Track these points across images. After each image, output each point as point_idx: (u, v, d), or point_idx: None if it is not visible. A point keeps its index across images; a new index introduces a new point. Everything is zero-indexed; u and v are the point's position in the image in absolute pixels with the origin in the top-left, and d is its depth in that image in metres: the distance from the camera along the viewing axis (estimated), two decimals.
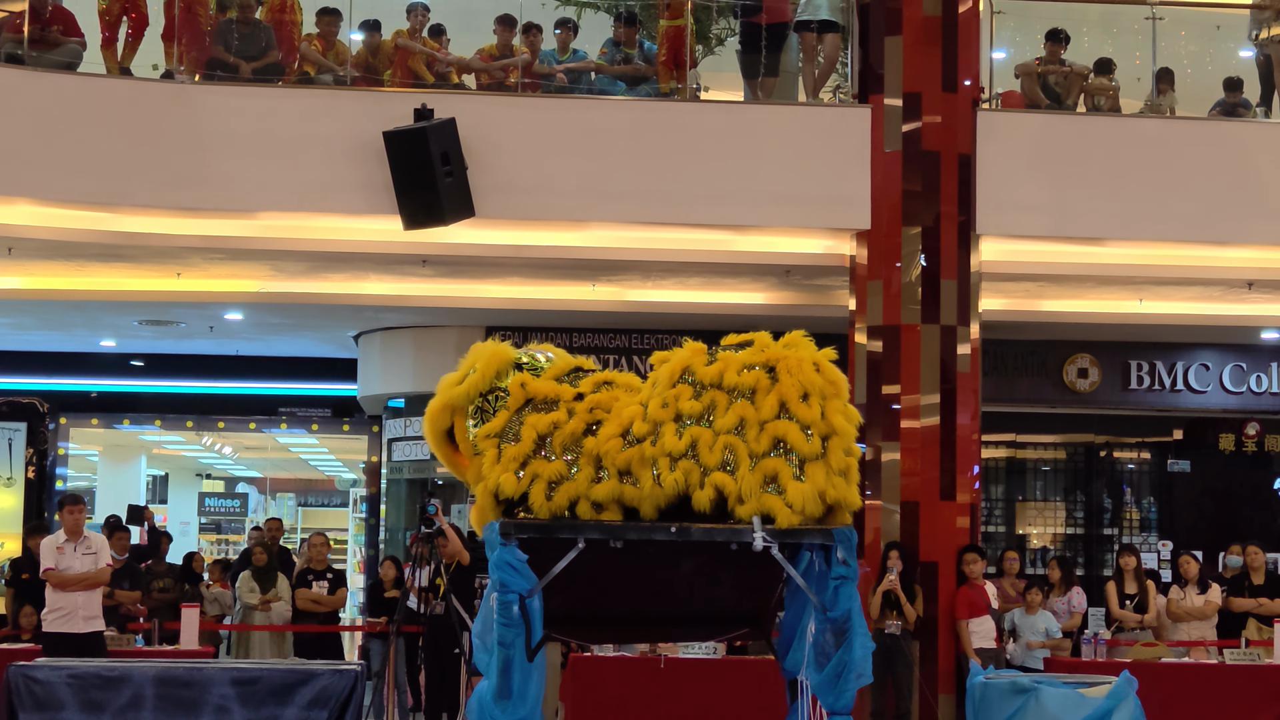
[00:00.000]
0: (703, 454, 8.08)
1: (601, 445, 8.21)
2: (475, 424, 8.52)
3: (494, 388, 8.55)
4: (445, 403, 8.63)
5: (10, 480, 21.82)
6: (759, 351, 8.31)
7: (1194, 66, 17.85)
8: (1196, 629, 16.21)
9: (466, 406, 8.58)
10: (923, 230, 15.52)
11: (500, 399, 8.51)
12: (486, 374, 8.54)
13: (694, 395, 8.18)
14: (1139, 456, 21.10)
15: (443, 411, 8.66)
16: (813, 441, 8.08)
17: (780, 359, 8.23)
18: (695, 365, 8.28)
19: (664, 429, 8.14)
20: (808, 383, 8.16)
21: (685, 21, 16.25)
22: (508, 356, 8.64)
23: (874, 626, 14.48)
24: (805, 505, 8.01)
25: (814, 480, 8.06)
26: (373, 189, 14.94)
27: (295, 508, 37.35)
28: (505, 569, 7.92)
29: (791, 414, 8.10)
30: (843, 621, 8.04)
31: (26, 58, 15.04)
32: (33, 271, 17.43)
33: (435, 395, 8.70)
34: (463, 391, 8.57)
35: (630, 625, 9.53)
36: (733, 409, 8.11)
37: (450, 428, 8.70)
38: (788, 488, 8.02)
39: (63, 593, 13.67)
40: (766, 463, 8.05)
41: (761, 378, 8.17)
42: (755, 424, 8.08)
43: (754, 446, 8.07)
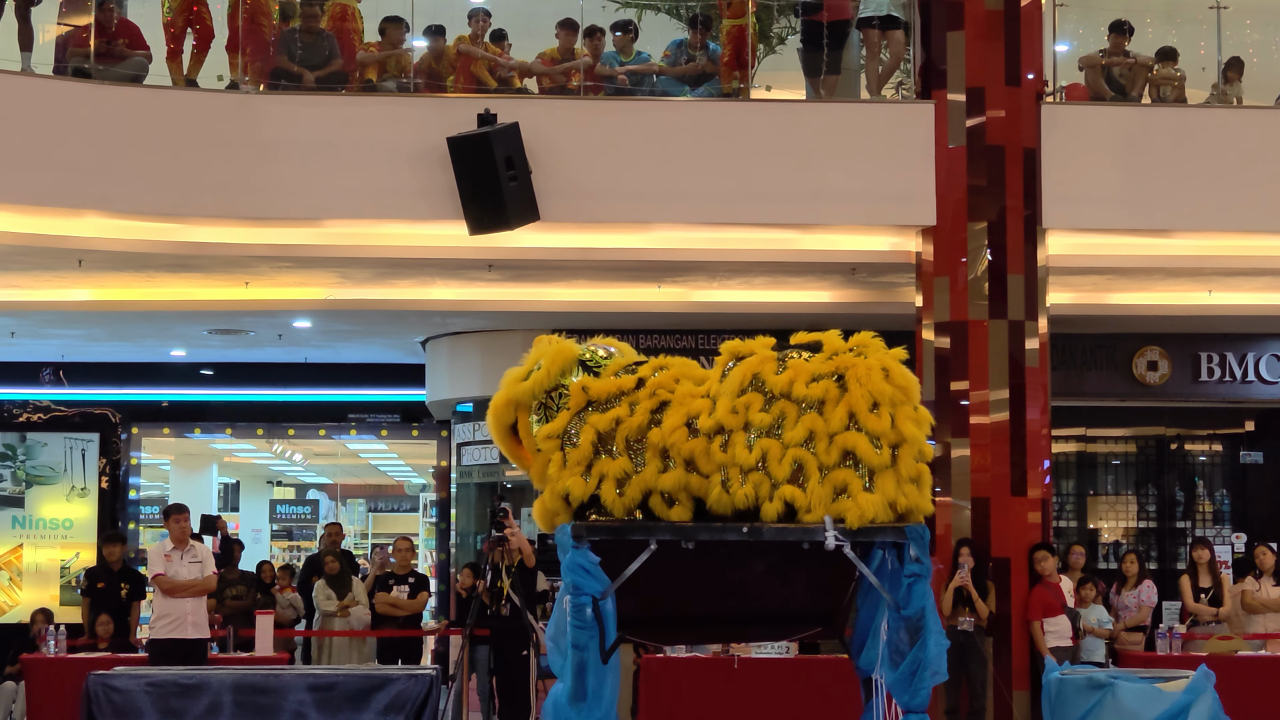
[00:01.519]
0: (772, 466, 8.08)
1: (667, 437, 8.23)
2: (539, 420, 8.56)
3: (558, 385, 8.58)
4: (510, 398, 8.66)
5: (84, 490, 21.97)
6: (828, 360, 8.28)
7: (1260, 55, 17.72)
8: (1273, 621, 16.08)
9: (530, 403, 8.61)
10: (988, 225, 15.46)
11: (564, 396, 8.54)
12: (551, 371, 8.58)
13: (764, 406, 8.16)
14: (1210, 449, 20.95)
15: (507, 407, 8.69)
16: (882, 453, 8.08)
17: (849, 367, 8.20)
18: (765, 373, 8.25)
19: (735, 438, 8.13)
20: (877, 392, 8.13)
21: (747, 21, 16.24)
22: (572, 353, 8.66)
23: (947, 623, 14.44)
24: (876, 516, 8.01)
25: (883, 490, 8.06)
26: (438, 195, 15.00)
27: (366, 513, 37.50)
28: (578, 572, 7.95)
29: (860, 425, 8.07)
30: (916, 619, 8.03)
31: (93, 71, 15.17)
32: (103, 283, 17.57)
33: (500, 390, 8.73)
34: (527, 388, 8.60)
35: (703, 626, 9.54)
36: (802, 422, 8.09)
37: (514, 423, 8.73)
38: (857, 498, 8.01)
39: (171, 599, 13.98)
40: (836, 475, 8.04)
41: (830, 388, 8.14)
42: (824, 436, 8.07)
43: (824, 459, 8.05)
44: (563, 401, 8.53)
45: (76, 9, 15.58)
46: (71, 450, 22.13)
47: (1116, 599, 16.18)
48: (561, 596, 8.11)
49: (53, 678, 14.56)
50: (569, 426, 8.40)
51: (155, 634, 14.14)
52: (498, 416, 8.73)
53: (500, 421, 8.74)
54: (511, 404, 8.67)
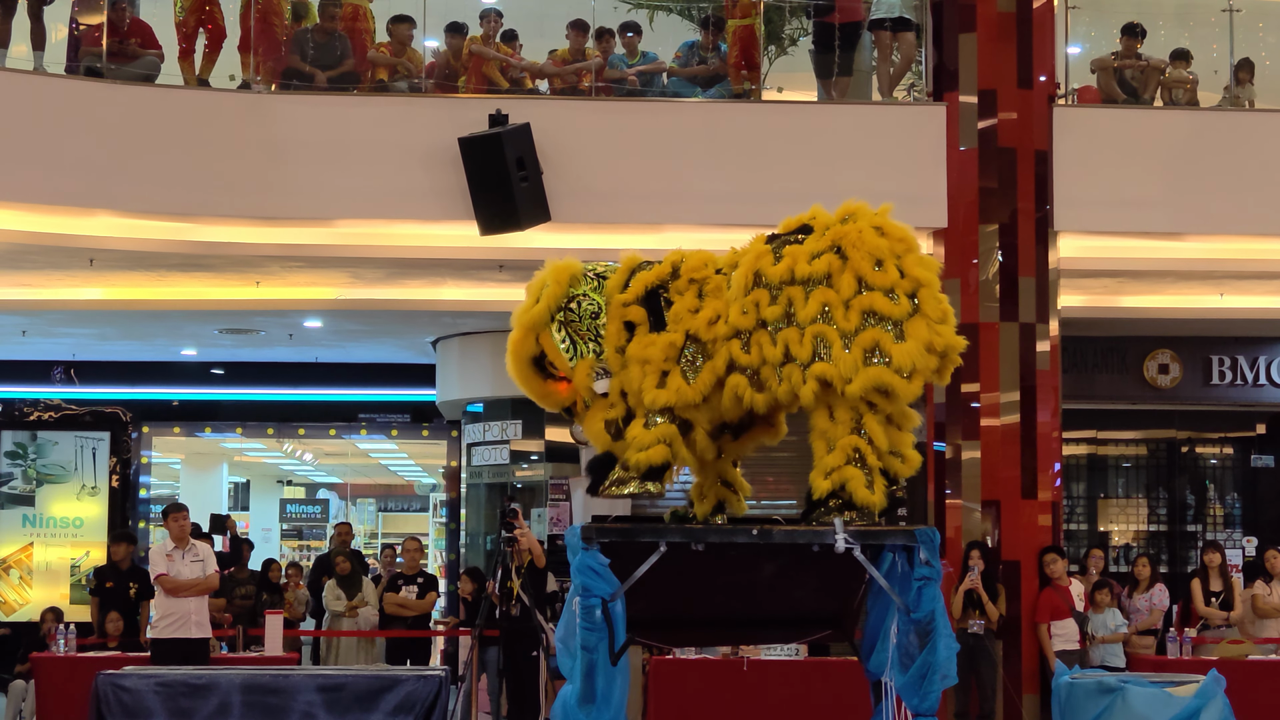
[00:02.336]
0: (795, 351, 8.11)
1: (706, 332, 8.29)
2: (564, 337, 8.50)
3: (571, 295, 8.54)
4: (528, 325, 8.57)
5: (95, 489, 21.97)
6: (821, 236, 8.33)
7: (1273, 58, 17.69)
8: None
9: (550, 324, 8.54)
10: (1000, 228, 15.47)
11: (582, 305, 8.48)
12: (561, 282, 8.55)
13: (771, 300, 8.20)
14: (1222, 452, 20.90)
15: (527, 336, 8.60)
16: (901, 302, 8.14)
17: (843, 236, 8.28)
18: (764, 268, 8.29)
19: (756, 337, 8.17)
20: (875, 249, 8.22)
21: (754, 20, 16.21)
22: (575, 265, 8.66)
23: (956, 626, 14.41)
24: (915, 362, 8.07)
25: (916, 336, 8.12)
26: (449, 195, 15.00)
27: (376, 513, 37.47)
28: (587, 573, 7.95)
29: (870, 284, 8.14)
30: (926, 622, 8.03)
31: (105, 70, 15.19)
32: (114, 282, 17.58)
33: (513, 326, 8.64)
34: (543, 308, 8.54)
35: (712, 628, 9.54)
36: (812, 298, 8.16)
37: (538, 355, 8.63)
38: (892, 353, 8.05)
39: (174, 599, 14.02)
40: (862, 337, 8.07)
41: (832, 260, 8.22)
42: (839, 305, 8.12)
43: (844, 326, 8.10)
44: (583, 309, 8.48)
45: (89, 8, 15.60)
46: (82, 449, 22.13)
47: (1128, 602, 16.15)
48: (571, 598, 8.12)
49: (62, 676, 14.58)
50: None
51: (158, 633, 14.16)
52: (518, 351, 8.62)
53: (522, 355, 8.63)
54: (531, 330, 8.58)
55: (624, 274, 8.56)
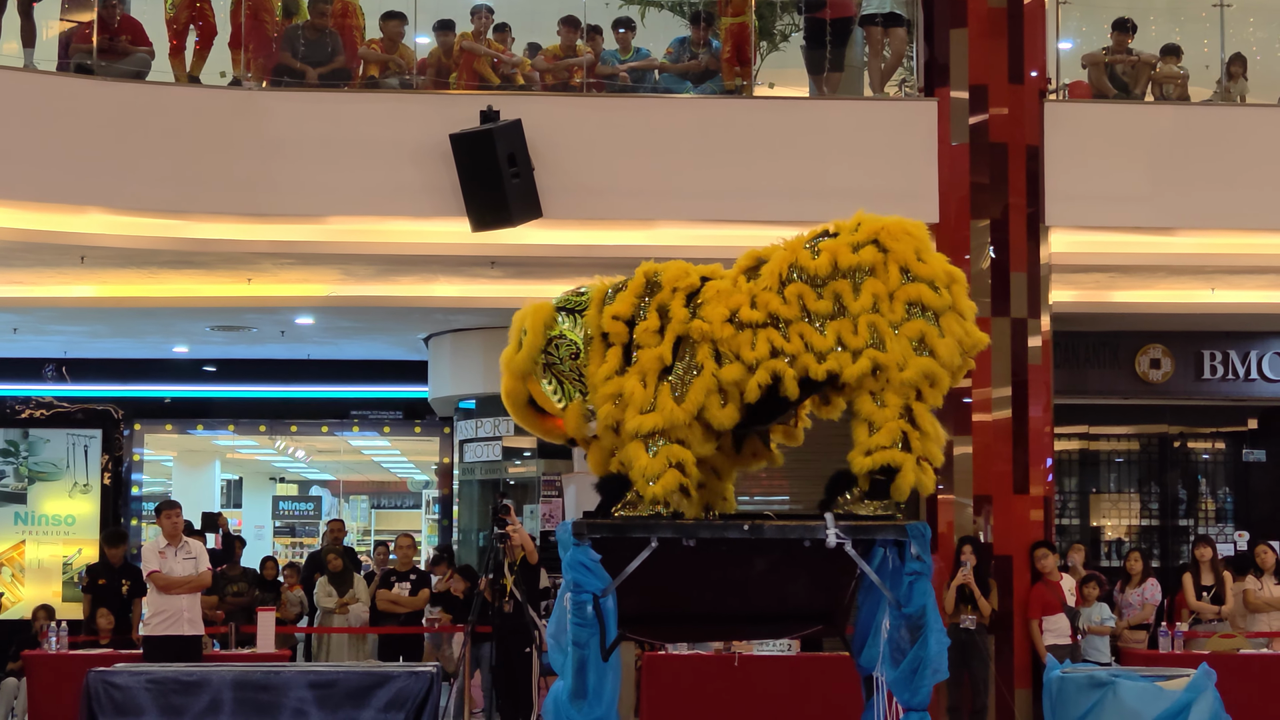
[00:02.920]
0: (848, 340, 8.17)
1: (717, 330, 8.25)
2: (549, 381, 8.58)
3: (550, 339, 8.59)
4: (515, 374, 8.65)
5: (87, 487, 22.01)
6: (854, 230, 8.41)
7: (1264, 53, 17.70)
8: (1276, 619, 16.08)
9: (534, 369, 8.62)
10: (991, 223, 15.47)
11: (560, 348, 8.54)
12: (537, 330, 8.59)
13: (817, 296, 8.25)
14: (1214, 447, 20.93)
15: (516, 385, 8.68)
16: (943, 294, 8.30)
17: (881, 228, 8.38)
18: (802, 261, 8.33)
19: (797, 329, 8.20)
20: (914, 241, 8.37)
21: (748, 18, 16.22)
22: (548, 308, 8.70)
23: (948, 621, 14.43)
24: (955, 357, 8.28)
25: (952, 331, 8.29)
26: (440, 192, 15.00)
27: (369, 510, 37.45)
28: (579, 569, 7.95)
29: (915, 275, 8.26)
30: (917, 617, 8.04)
31: (96, 67, 15.16)
32: (105, 279, 17.56)
33: (503, 376, 8.73)
34: (525, 356, 8.60)
35: (704, 624, 9.53)
36: (863, 289, 8.24)
37: (529, 398, 8.73)
38: (936, 346, 8.21)
39: (167, 596, 14.03)
40: (908, 327, 8.21)
41: (875, 252, 8.29)
42: (885, 297, 8.22)
43: (891, 317, 8.20)
44: (561, 352, 8.55)
45: (79, 5, 15.58)
46: (74, 446, 22.18)
47: (1120, 597, 16.18)
48: (562, 594, 8.11)
49: (54, 674, 14.56)
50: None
51: (151, 630, 14.16)
52: (513, 399, 8.74)
53: (517, 401, 8.74)
54: (519, 379, 8.67)
55: (598, 303, 8.55)
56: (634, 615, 8.42)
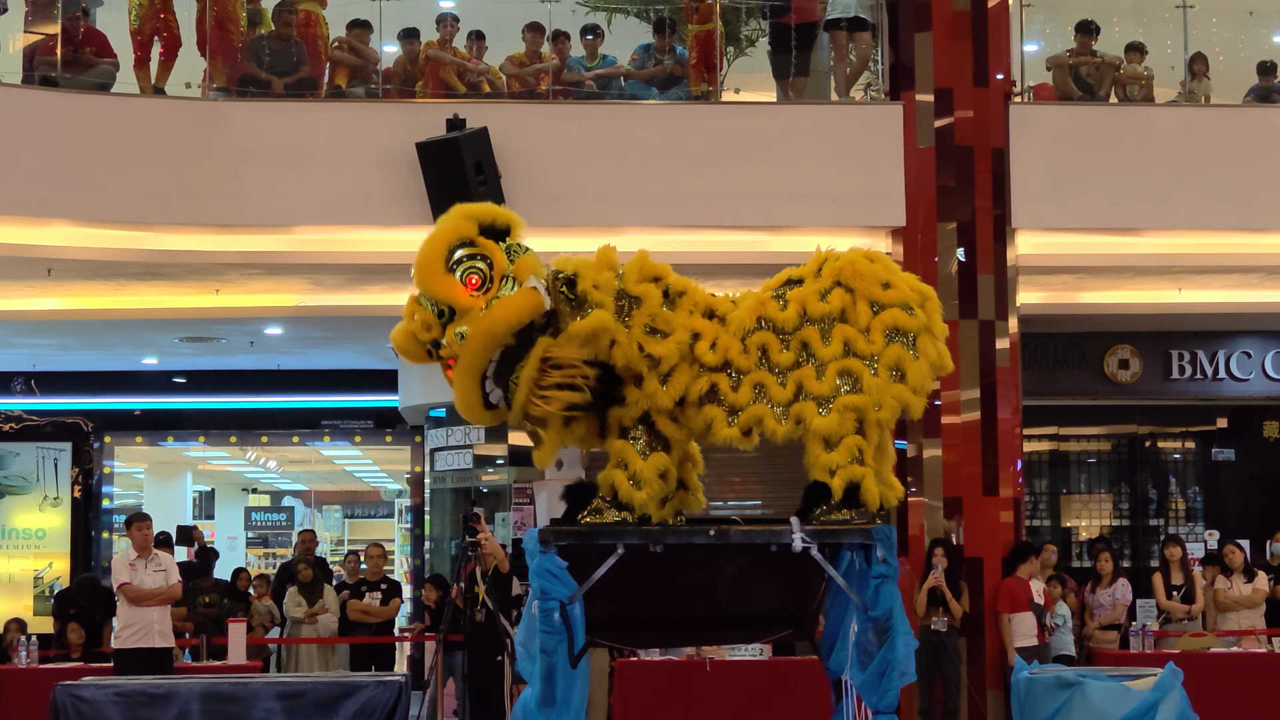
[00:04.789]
0: (810, 388, 8.09)
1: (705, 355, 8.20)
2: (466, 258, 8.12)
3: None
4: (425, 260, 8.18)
5: (57, 500, 21.95)
6: (816, 277, 8.32)
7: (1227, 54, 17.77)
8: (1245, 618, 16.15)
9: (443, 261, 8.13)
10: (958, 226, 15.51)
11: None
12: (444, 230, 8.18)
13: (782, 346, 8.18)
14: (1183, 446, 20.99)
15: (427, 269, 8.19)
16: (917, 314, 8.24)
17: (840, 269, 8.28)
18: (770, 313, 8.27)
19: (754, 378, 8.15)
20: (875, 272, 8.28)
21: (714, 25, 16.25)
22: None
23: (920, 624, 14.48)
24: (925, 381, 8.21)
25: (926, 353, 8.23)
26: (408, 200, 14.98)
27: (342, 519, 37.45)
28: (546, 576, 7.94)
29: (885, 303, 8.21)
30: (884, 620, 8.04)
31: (60, 80, 15.13)
32: (73, 292, 17.51)
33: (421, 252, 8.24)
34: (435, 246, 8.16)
35: (674, 629, 9.54)
36: (834, 336, 8.18)
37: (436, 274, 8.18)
38: (908, 370, 8.15)
39: (137, 608, 14.02)
40: (887, 355, 8.16)
41: (842, 295, 8.23)
42: (858, 336, 8.16)
43: (869, 350, 8.15)
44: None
45: (43, 17, 15.54)
46: (44, 460, 22.11)
47: (1091, 597, 16.22)
48: (530, 601, 8.11)
49: (24, 688, 14.51)
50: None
51: (121, 643, 14.14)
52: (427, 267, 8.14)
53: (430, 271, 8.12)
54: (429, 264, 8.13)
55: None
56: (604, 621, 8.42)
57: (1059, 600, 15.56)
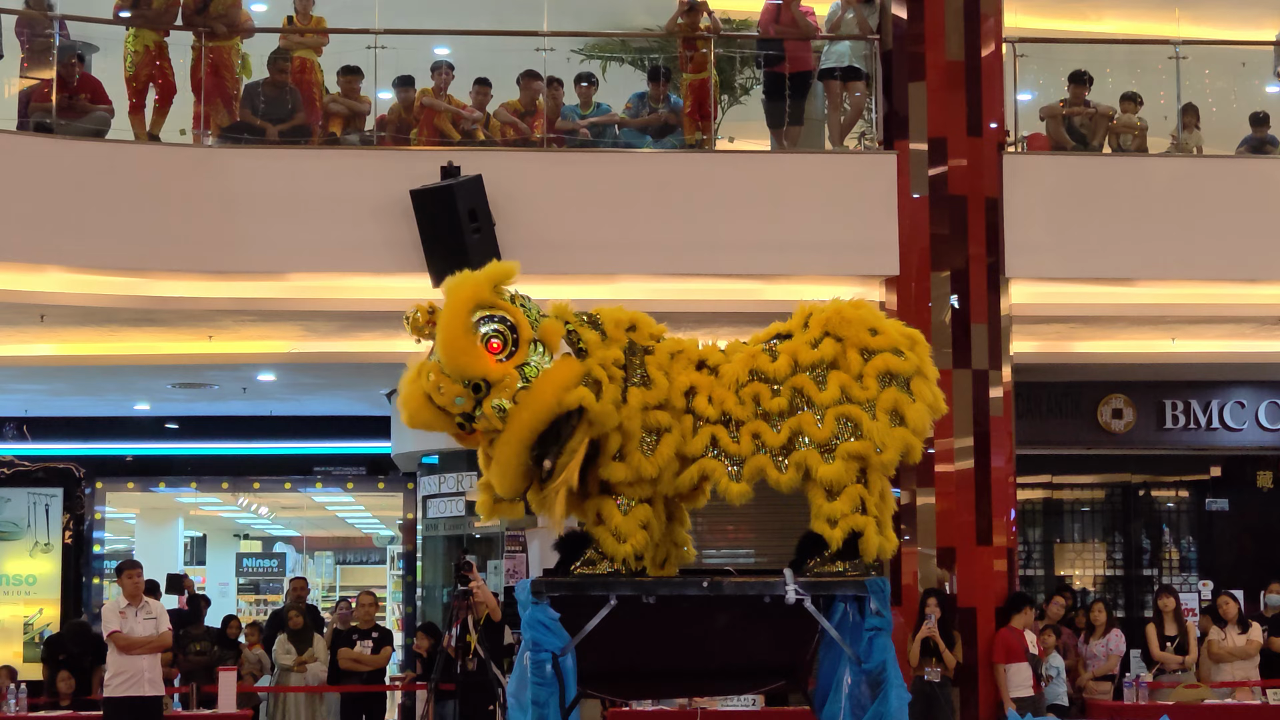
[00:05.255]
0: (811, 433, 8.09)
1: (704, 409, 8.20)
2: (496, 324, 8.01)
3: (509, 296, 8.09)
4: (466, 301, 8.07)
5: (48, 546, 21.88)
6: (805, 329, 8.36)
7: (1220, 104, 17.82)
8: (1240, 669, 16.08)
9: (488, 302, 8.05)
10: (952, 274, 15.52)
11: (530, 305, 8.11)
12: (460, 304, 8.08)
13: (773, 394, 8.19)
14: (1177, 495, 20.98)
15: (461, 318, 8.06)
16: (908, 356, 8.25)
17: (828, 319, 8.31)
18: (761, 365, 8.29)
19: (751, 428, 8.15)
20: (862, 319, 8.30)
21: (709, 74, 16.29)
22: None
23: (914, 674, 14.43)
24: (924, 427, 8.21)
25: (922, 395, 8.25)
26: (401, 247, 14.98)
27: (334, 566, 37.36)
28: (538, 628, 7.91)
29: (875, 348, 8.22)
30: (878, 673, 8.01)
31: (55, 126, 15.13)
32: (66, 338, 17.49)
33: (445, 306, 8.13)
34: (485, 280, 8.09)
35: (667, 680, 9.49)
36: (829, 382, 8.18)
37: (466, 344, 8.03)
38: (907, 414, 8.15)
39: (127, 656, 13.94)
40: (884, 399, 8.16)
41: (832, 344, 8.25)
42: (853, 382, 8.16)
43: (865, 396, 8.15)
44: (531, 307, 8.06)
45: (39, 64, 15.55)
46: (35, 505, 22.05)
47: (1084, 648, 16.17)
48: (522, 652, 8.07)
49: None
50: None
51: (111, 692, 14.07)
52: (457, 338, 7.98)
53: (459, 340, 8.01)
54: (469, 307, 8.03)
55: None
56: (596, 673, 8.37)
57: (1052, 650, 15.52)
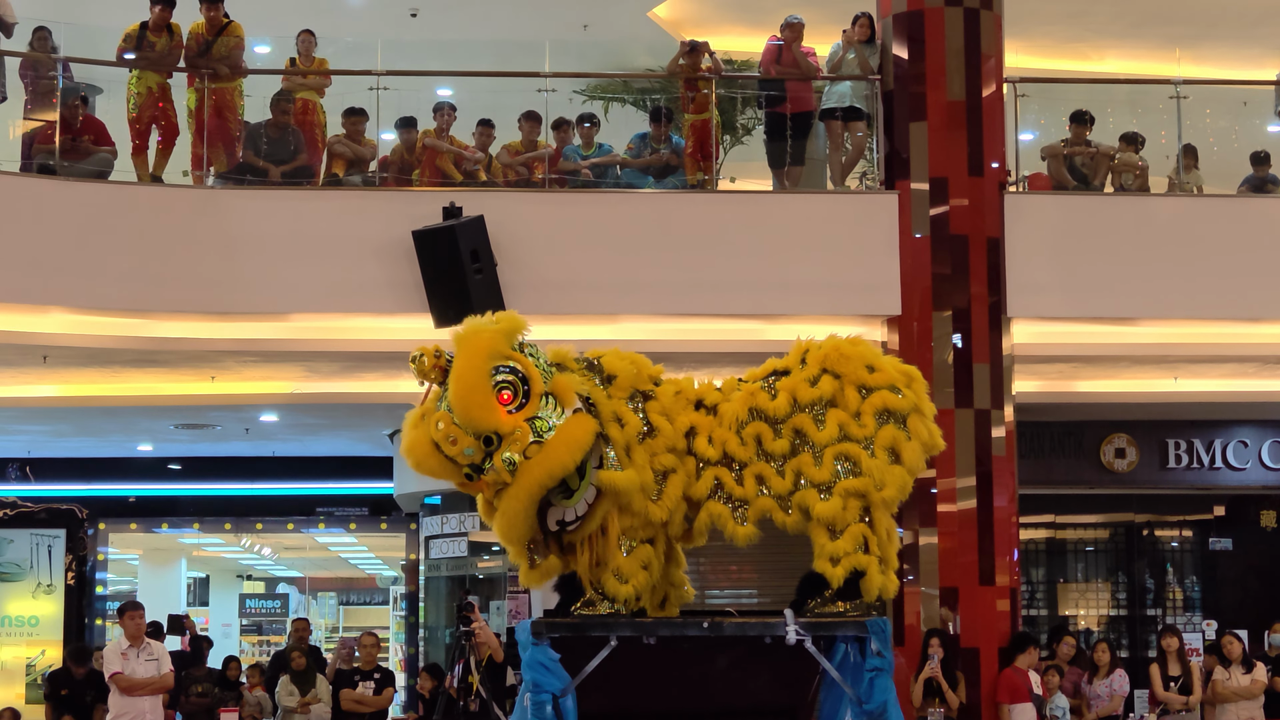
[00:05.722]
0: (810, 474, 8.10)
1: (704, 450, 8.21)
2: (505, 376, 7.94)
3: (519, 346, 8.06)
4: (486, 353, 7.95)
5: (50, 587, 21.82)
6: (801, 366, 8.35)
7: (1221, 143, 17.86)
8: (1244, 709, 16.02)
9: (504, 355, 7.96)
10: (953, 314, 15.52)
11: (537, 354, 8.07)
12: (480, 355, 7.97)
13: (775, 435, 8.20)
14: (1181, 535, 20.94)
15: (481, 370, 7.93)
16: (906, 394, 8.26)
17: (826, 356, 8.31)
18: (760, 404, 8.28)
19: (754, 470, 8.16)
20: (860, 356, 8.30)
21: (711, 114, 16.33)
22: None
23: (917, 714, 14.39)
24: (919, 466, 8.22)
25: (918, 434, 8.24)
26: (403, 288, 15.01)
27: (337, 606, 37.30)
28: (538, 669, 7.89)
29: (872, 386, 8.22)
30: (879, 714, 7.98)
31: (58, 167, 15.18)
32: (68, 379, 17.52)
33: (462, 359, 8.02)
34: (503, 332, 8.01)
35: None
36: (828, 420, 8.18)
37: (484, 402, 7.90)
38: (903, 453, 8.16)
39: (129, 698, 13.94)
40: (881, 436, 8.17)
41: (830, 381, 8.25)
42: (850, 419, 8.17)
43: (863, 433, 8.16)
44: (540, 358, 8.04)
45: (42, 105, 15.62)
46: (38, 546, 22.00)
47: (1088, 688, 16.11)
48: (522, 694, 8.06)
49: None
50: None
51: None
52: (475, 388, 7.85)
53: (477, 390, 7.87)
54: (489, 358, 7.94)
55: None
56: (598, 713, 8.34)
57: (1056, 691, 15.47)
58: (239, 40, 15.85)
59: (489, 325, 8.07)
